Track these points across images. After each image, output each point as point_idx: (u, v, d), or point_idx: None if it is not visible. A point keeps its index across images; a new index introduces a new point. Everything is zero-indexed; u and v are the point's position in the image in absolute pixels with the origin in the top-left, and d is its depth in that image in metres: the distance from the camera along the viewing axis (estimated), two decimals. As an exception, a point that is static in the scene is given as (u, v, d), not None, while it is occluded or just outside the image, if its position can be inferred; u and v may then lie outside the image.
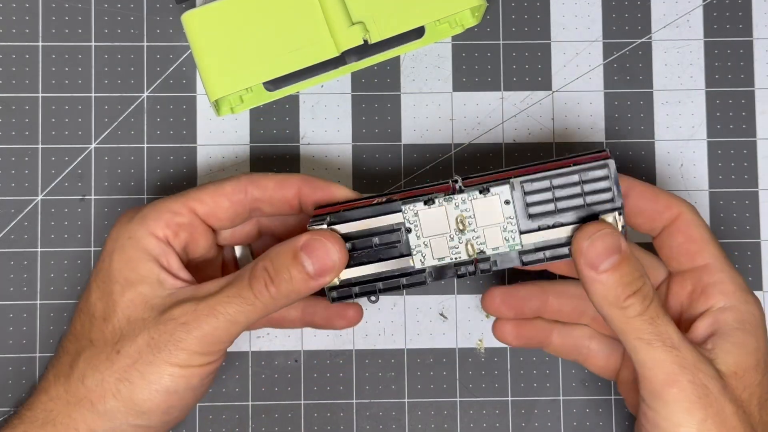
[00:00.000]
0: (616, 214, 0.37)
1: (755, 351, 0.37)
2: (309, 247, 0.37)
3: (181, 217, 0.39)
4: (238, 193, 0.40)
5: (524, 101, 0.48)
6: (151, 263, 0.38)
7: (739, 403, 0.36)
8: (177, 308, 0.37)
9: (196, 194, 0.40)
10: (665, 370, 0.35)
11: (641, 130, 0.48)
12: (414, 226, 0.38)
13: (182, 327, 0.36)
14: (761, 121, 0.48)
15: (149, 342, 0.37)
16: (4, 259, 0.46)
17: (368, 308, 0.47)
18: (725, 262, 0.39)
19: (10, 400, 0.46)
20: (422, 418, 0.46)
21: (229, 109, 0.46)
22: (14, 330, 0.46)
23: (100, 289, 0.38)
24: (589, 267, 0.36)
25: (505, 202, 0.38)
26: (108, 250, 0.39)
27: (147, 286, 0.38)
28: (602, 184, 0.37)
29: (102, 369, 0.37)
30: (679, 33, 0.48)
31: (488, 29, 0.48)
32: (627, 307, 0.36)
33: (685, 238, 0.39)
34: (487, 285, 0.47)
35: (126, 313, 0.37)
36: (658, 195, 0.40)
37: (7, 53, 0.47)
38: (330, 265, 0.37)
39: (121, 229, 0.39)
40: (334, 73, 0.47)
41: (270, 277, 0.36)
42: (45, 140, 0.47)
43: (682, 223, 0.39)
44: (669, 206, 0.39)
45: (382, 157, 0.47)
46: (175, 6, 0.47)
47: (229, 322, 0.36)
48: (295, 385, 0.46)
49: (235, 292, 0.36)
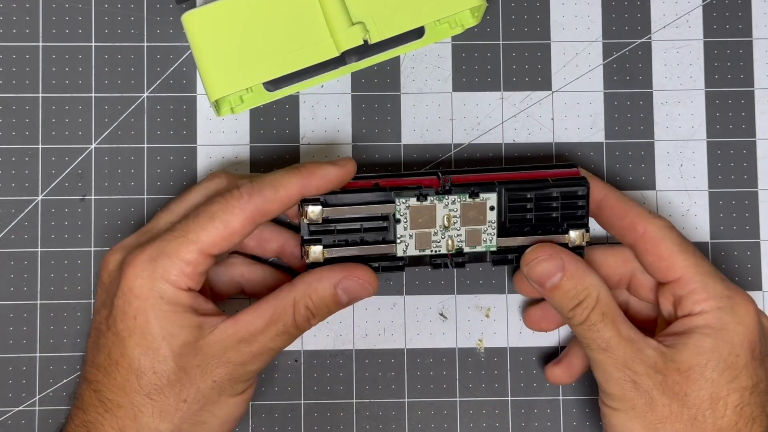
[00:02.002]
0: (583, 231, 0.41)
1: (708, 351, 0.39)
2: (347, 288, 0.40)
3: (201, 266, 0.39)
4: (248, 227, 0.39)
5: (524, 101, 0.48)
6: (188, 314, 0.39)
7: (678, 397, 0.39)
8: (232, 352, 0.39)
9: (207, 236, 0.39)
10: (602, 369, 0.40)
11: (641, 130, 0.48)
12: (404, 218, 0.41)
13: (241, 367, 0.39)
14: (761, 121, 0.48)
15: (212, 386, 0.39)
16: (4, 259, 0.46)
17: (368, 308, 0.47)
18: (697, 271, 0.41)
19: (10, 400, 0.46)
20: (422, 418, 0.46)
21: (229, 109, 0.46)
22: (14, 330, 0.46)
23: (143, 347, 0.38)
24: (538, 284, 0.41)
25: (490, 208, 0.41)
26: (139, 309, 0.39)
27: (191, 335, 0.39)
28: (577, 202, 0.41)
29: (175, 420, 0.39)
30: (678, 33, 0.48)
31: (488, 29, 0.48)
32: (571, 317, 0.40)
33: (653, 257, 0.41)
34: (482, 283, 0.47)
35: (180, 364, 0.38)
36: (627, 210, 0.42)
37: (7, 53, 0.47)
38: (365, 296, 0.41)
39: (148, 288, 0.39)
40: (334, 73, 0.47)
41: (312, 314, 0.40)
42: (45, 140, 0.47)
43: (648, 242, 0.41)
44: (634, 224, 0.42)
45: (382, 157, 0.47)
46: (175, 6, 0.47)
47: (278, 353, 0.41)
48: (295, 385, 0.46)
49: (282, 330, 0.39)
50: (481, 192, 0.41)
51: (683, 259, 0.41)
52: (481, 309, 0.47)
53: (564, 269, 0.40)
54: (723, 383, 0.39)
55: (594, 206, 0.43)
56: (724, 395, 0.39)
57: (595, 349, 0.40)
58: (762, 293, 0.47)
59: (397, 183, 0.41)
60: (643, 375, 0.39)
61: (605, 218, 0.43)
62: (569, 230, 0.41)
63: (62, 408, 0.46)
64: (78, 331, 0.46)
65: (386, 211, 0.41)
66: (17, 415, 0.46)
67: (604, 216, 0.43)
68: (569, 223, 0.41)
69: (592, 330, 0.40)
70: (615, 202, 0.43)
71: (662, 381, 0.39)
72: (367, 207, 0.40)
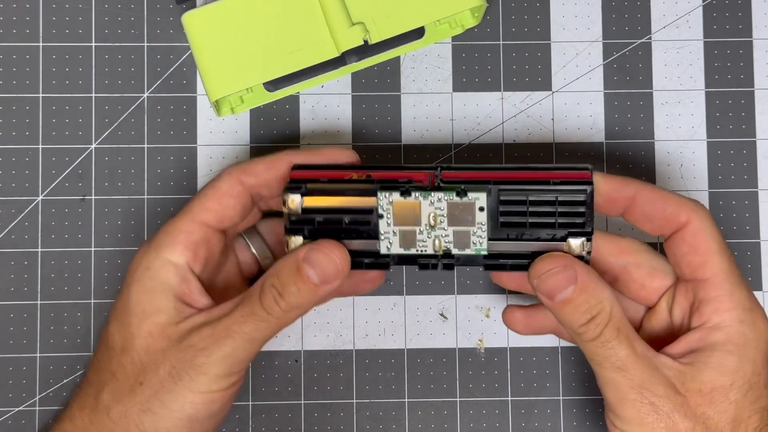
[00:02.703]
0: (584, 240, 0.38)
1: (733, 371, 0.37)
2: (310, 259, 0.37)
3: (196, 234, 0.39)
4: (235, 186, 0.40)
5: (524, 101, 0.48)
6: (167, 294, 0.38)
7: (700, 420, 0.37)
8: (194, 335, 0.37)
9: (199, 205, 0.39)
10: (615, 389, 0.37)
11: (641, 130, 0.48)
12: (387, 214, 0.38)
13: (202, 352, 0.37)
14: (761, 121, 0.48)
15: (170, 371, 0.37)
16: (4, 259, 0.46)
17: (368, 308, 0.47)
18: (727, 278, 0.38)
19: (10, 400, 0.46)
20: (422, 418, 0.46)
21: (229, 109, 0.47)
22: (14, 330, 0.46)
23: (119, 321, 0.38)
24: (547, 297, 0.37)
25: (479, 208, 0.37)
26: (126, 283, 0.39)
27: (163, 316, 0.38)
28: (577, 208, 0.38)
29: (125, 401, 0.37)
30: (678, 33, 0.48)
31: (488, 29, 0.48)
32: (581, 333, 0.37)
33: (689, 249, 0.39)
34: (482, 283, 0.47)
35: (144, 344, 0.38)
36: (667, 200, 0.39)
37: (7, 53, 0.47)
38: (333, 272, 0.37)
39: (138, 260, 0.39)
40: (334, 73, 0.47)
41: (279, 293, 0.37)
42: (45, 140, 0.47)
43: (688, 233, 0.39)
44: (677, 213, 0.39)
45: (382, 158, 0.47)
46: (175, 6, 0.47)
47: (246, 341, 0.37)
48: (295, 385, 0.47)
49: (248, 311, 0.37)
50: (470, 191, 0.37)
51: (719, 261, 0.38)
52: (481, 309, 0.47)
53: (576, 281, 0.37)
54: (746, 405, 0.37)
55: (626, 205, 0.40)
56: (746, 417, 0.37)
57: (609, 367, 0.37)
58: (762, 293, 0.47)
59: (389, 176, 0.39)
60: (663, 397, 0.37)
61: (640, 214, 0.39)
62: (569, 238, 0.38)
63: (62, 408, 0.46)
64: (78, 331, 0.46)
65: (368, 204, 0.38)
66: (17, 415, 0.46)
67: (637, 212, 0.39)
68: (570, 231, 0.38)
69: (606, 347, 0.37)
70: (651, 194, 0.39)
71: (683, 403, 0.37)
72: (348, 199, 0.38)
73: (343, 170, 0.39)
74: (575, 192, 0.38)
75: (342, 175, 0.39)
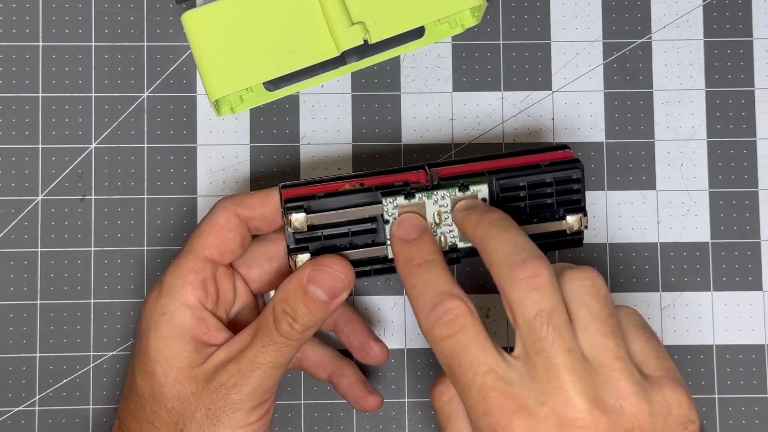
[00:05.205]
0: (581, 215, 0.39)
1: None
2: (315, 280, 0.38)
3: (202, 272, 0.39)
4: (232, 219, 0.40)
5: (524, 101, 0.48)
6: (185, 337, 0.38)
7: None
8: (221, 373, 0.38)
9: (200, 242, 0.40)
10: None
11: (641, 130, 0.48)
12: (393, 218, 0.38)
13: (233, 390, 0.38)
14: (761, 121, 0.48)
15: (207, 414, 0.38)
16: (4, 259, 0.46)
17: (368, 308, 0.47)
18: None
19: (10, 400, 0.46)
20: (422, 418, 0.46)
21: (229, 109, 0.47)
22: (14, 330, 0.46)
23: (143, 371, 0.39)
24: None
25: (482, 200, 0.39)
26: (144, 330, 0.39)
27: (186, 360, 0.38)
28: (573, 185, 0.39)
29: None
30: (679, 33, 0.48)
31: (488, 29, 0.48)
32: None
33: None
34: (482, 283, 0.47)
35: (175, 392, 0.38)
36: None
37: (7, 53, 0.47)
38: (340, 286, 0.38)
39: (153, 306, 0.39)
40: (334, 73, 0.47)
41: (291, 317, 0.38)
42: (45, 140, 0.47)
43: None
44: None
45: (382, 157, 0.47)
46: (175, 6, 0.47)
47: (271, 368, 0.38)
48: (295, 385, 0.46)
49: (267, 340, 0.38)
50: (471, 184, 0.38)
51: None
52: (481, 309, 0.47)
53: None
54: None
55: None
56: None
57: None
58: (762, 293, 0.47)
59: (383, 181, 0.39)
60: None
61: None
62: (566, 216, 0.39)
63: (62, 408, 0.46)
64: (78, 331, 0.46)
65: (374, 213, 0.38)
66: (17, 415, 0.46)
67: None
68: (565, 208, 0.39)
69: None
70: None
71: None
72: (353, 210, 0.38)
73: (334, 182, 0.39)
74: (569, 172, 0.39)
75: (335, 187, 0.39)
